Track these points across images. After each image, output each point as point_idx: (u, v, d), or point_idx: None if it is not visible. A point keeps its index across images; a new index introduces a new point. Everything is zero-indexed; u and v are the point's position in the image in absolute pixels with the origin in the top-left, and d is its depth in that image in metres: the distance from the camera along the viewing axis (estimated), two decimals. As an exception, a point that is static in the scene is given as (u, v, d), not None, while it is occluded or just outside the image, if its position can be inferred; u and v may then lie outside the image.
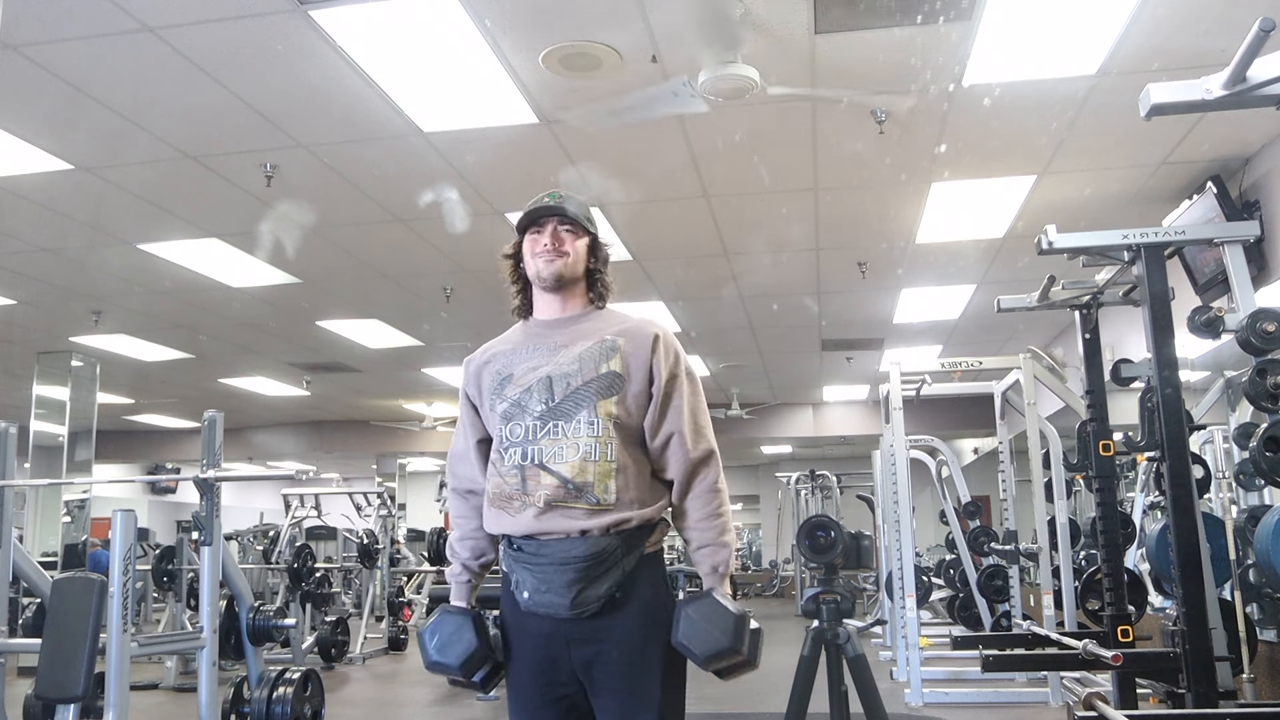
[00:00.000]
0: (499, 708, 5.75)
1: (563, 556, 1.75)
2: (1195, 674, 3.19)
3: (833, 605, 2.91)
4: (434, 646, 1.86)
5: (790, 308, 8.00)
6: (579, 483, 1.77)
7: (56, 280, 6.84)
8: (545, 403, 1.82)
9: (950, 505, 7.94)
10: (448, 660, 1.85)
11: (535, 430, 1.81)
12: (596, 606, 1.75)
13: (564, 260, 1.90)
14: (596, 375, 1.83)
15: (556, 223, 1.91)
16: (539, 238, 1.91)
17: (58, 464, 8.15)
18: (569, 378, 1.83)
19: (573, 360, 1.85)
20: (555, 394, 1.82)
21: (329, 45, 3.70)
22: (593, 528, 1.76)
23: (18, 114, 4.28)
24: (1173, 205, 5.21)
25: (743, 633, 1.75)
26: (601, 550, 1.75)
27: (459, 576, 1.95)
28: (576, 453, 1.78)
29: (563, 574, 1.74)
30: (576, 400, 1.81)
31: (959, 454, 10.61)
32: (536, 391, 1.83)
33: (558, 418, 1.80)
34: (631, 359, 1.85)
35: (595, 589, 1.75)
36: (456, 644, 1.85)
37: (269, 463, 15.82)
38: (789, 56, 3.84)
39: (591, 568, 1.74)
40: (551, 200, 1.92)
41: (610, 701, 1.78)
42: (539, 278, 1.91)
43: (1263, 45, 2.16)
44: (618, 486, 1.78)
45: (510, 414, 1.84)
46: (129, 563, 3.23)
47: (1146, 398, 3.68)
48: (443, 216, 5.59)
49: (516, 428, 1.83)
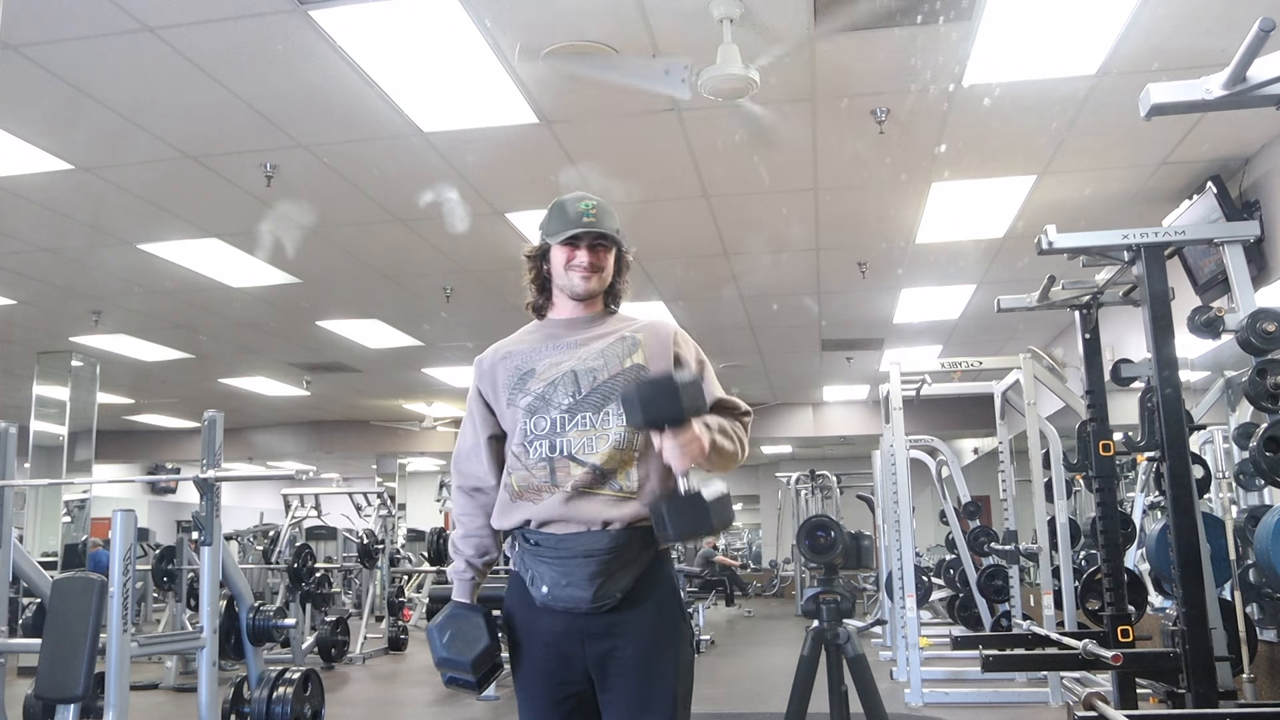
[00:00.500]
0: (499, 707, 5.75)
1: (586, 549, 1.77)
2: (1195, 674, 3.19)
3: (833, 605, 2.91)
4: (445, 643, 1.86)
5: (790, 308, 8.00)
6: (606, 469, 1.81)
7: (56, 280, 6.84)
8: (573, 396, 1.85)
9: (950, 505, 7.95)
10: (459, 658, 1.85)
11: (563, 423, 1.84)
12: (616, 600, 1.78)
13: (599, 277, 1.94)
14: (622, 369, 1.87)
15: (595, 239, 1.93)
16: (576, 253, 1.92)
17: (58, 464, 8.15)
18: (595, 372, 1.86)
19: (596, 355, 1.88)
20: (582, 387, 1.85)
21: (329, 45, 3.70)
22: (615, 520, 1.78)
23: (18, 114, 4.28)
24: (1173, 205, 5.20)
25: (692, 398, 1.71)
26: (623, 544, 1.78)
27: (463, 574, 1.96)
28: (607, 442, 1.81)
29: (586, 566, 1.76)
30: (604, 393, 1.84)
31: (959, 454, 10.61)
32: (562, 385, 1.86)
33: (585, 409, 1.84)
34: (654, 354, 1.90)
35: (616, 583, 1.77)
36: (468, 641, 1.84)
37: (269, 463, 15.82)
38: (789, 56, 3.84)
39: (613, 560, 1.77)
40: (590, 215, 1.91)
41: (622, 698, 1.79)
42: (571, 290, 1.94)
43: (1263, 45, 2.16)
44: (640, 475, 1.82)
45: (535, 407, 1.86)
46: (129, 563, 3.23)
47: (1146, 398, 3.68)
48: (443, 216, 5.59)
49: (542, 421, 1.85)
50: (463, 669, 1.85)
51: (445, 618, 1.89)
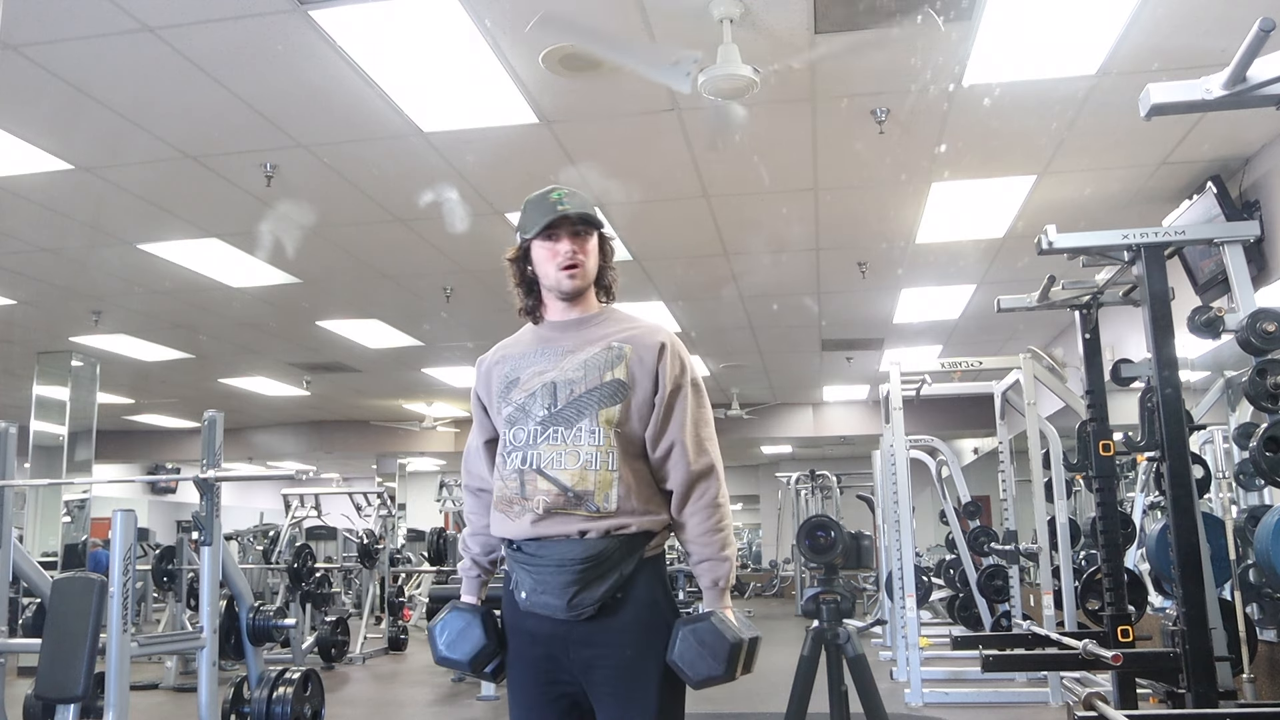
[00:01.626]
0: (499, 708, 5.75)
1: (560, 558, 1.75)
2: (1195, 674, 3.19)
3: (833, 605, 2.91)
4: (443, 642, 1.90)
5: (790, 308, 8.00)
6: (579, 490, 1.76)
7: (56, 280, 6.84)
8: (548, 408, 1.81)
9: (950, 505, 7.94)
10: (456, 656, 1.89)
11: (536, 435, 1.80)
12: (593, 609, 1.75)
13: (584, 270, 1.88)
14: (600, 383, 1.81)
15: (574, 224, 1.86)
16: (556, 245, 1.86)
17: (58, 464, 8.16)
18: (573, 384, 1.82)
19: (578, 367, 1.83)
20: (558, 400, 1.81)
21: (329, 45, 3.70)
22: (591, 530, 1.76)
23: (18, 114, 4.28)
24: (1173, 205, 5.20)
25: (738, 660, 1.75)
26: (599, 553, 1.74)
27: (469, 572, 1.98)
28: (577, 461, 1.77)
29: (560, 575, 1.74)
30: (579, 407, 1.80)
31: (959, 454, 10.61)
32: (540, 397, 1.82)
33: (558, 424, 1.79)
34: (637, 367, 1.83)
35: (592, 592, 1.74)
36: (464, 641, 1.88)
37: (269, 463, 15.82)
38: (789, 56, 3.84)
39: (589, 570, 1.74)
40: (563, 204, 1.85)
41: (608, 705, 1.78)
42: (559, 289, 1.88)
43: (1263, 45, 2.16)
44: (619, 495, 1.77)
45: (514, 418, 1.84)
46: (129, 563, 3.23)
47: (1146, 398, 3.68)
48: (443, 216, 5.59)
49: (519, 432, 1.82)
50: (459, 667, 1.90)
51: (445, 618, 1.91)
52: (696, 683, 1.76)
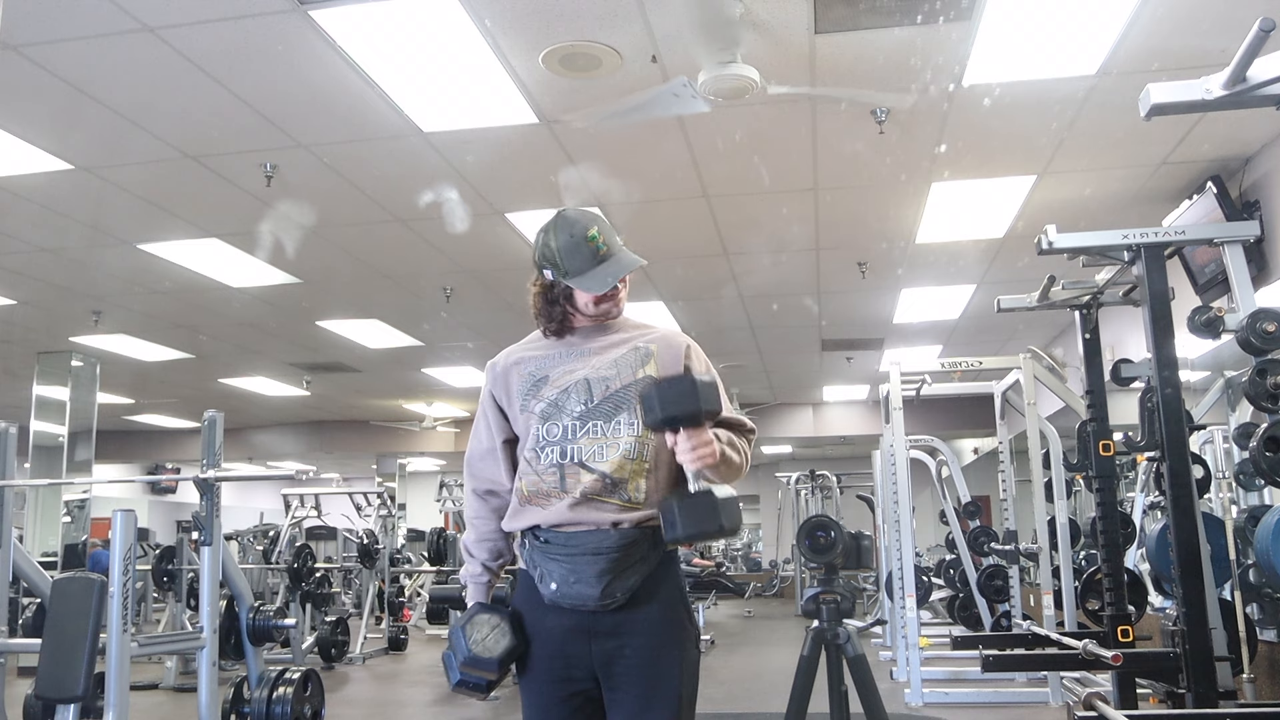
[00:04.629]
0: (499, 708, 5.75)
1: (595, 546, 1.78)
2: (1195, 674, 3.19)
3: (833, 605, 2.91)
4: (471, 644, 1.85)
5: (790, 308, 8.00)
6: (616, 478, 1.81)
7: (56, 280, 6.84)
8: (585, 404, 1.86)
9: (950, 505, 7.95)
10: (488, 657, 1.84)
11: (574, 430, 1.85)
12: (624, 599, 1.79)
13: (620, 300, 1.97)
14: (634, 379, 1.87)
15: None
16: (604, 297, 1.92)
17: (58, 464, 8.16)
18: (607, 381, 1.87)
19: (609, 365, 1.90)
20: (594, 395, 1.86)
21: (329, 45, 3.70)
22: (625, 521, 1.80)
23: (18, 114, 4.28)
24: (1173, 205, 5.21)
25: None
26: (632, 542, 1.79)
27: (478, 577, 1.97)
28: (617, 451, 1.83)
29: (594, 564, 1.78)
30: (616, 402, 1.86)
31: (959, 454, 10.61)
32: (575, 393, 1.87)
33: (596, 418, 1.85)
34: (666, 366, 1.91)
35: (623, 581, 1.78)
36: (496, 642, 1.85)
37: (269, 463, 15.82)
38: (789, 56, 3.85)
39: (622, 559, 1.78)
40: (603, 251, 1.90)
41: (628, 696, 1.80)
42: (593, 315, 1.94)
43: (1263, 45, 2.16)
44: (648, 486, 1.83)
45: (548, 414, 1.87)
46: (129, 563, 3.23)
47: (1146, 398, 3.68)
48: (443, 216, 5.59)
49: (554, 427, 1.86)
50: (488, 668, 1.84)
51: (470, 617, 1.89)
52: (662, 417, 1.72)
